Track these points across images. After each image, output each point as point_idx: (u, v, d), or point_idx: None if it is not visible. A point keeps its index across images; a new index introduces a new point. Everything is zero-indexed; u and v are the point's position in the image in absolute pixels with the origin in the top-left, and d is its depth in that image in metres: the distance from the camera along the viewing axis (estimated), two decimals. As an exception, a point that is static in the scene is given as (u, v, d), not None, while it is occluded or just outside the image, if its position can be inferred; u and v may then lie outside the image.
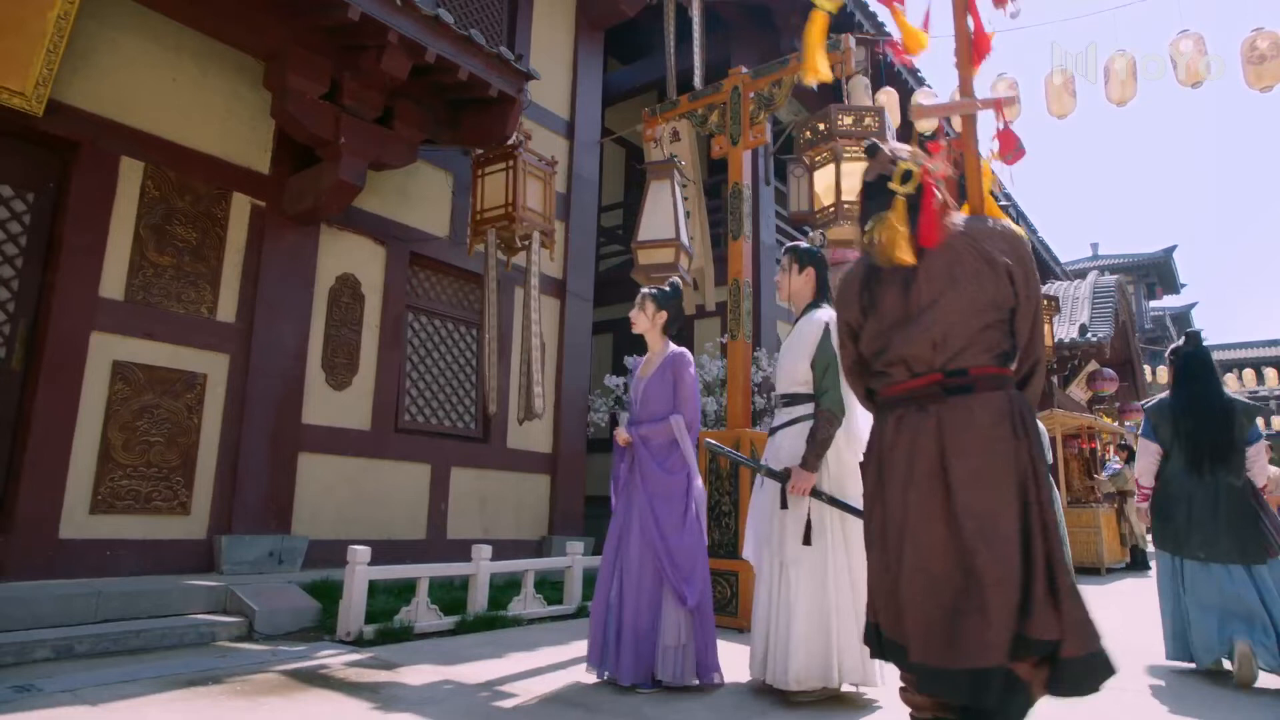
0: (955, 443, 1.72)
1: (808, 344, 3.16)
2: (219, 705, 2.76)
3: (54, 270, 4.43)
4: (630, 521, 3.25)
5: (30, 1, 4.11)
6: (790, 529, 3.03)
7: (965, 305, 1.78)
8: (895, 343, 1.86)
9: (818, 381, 3.11)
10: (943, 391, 1.79)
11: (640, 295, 3.52)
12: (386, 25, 4.64)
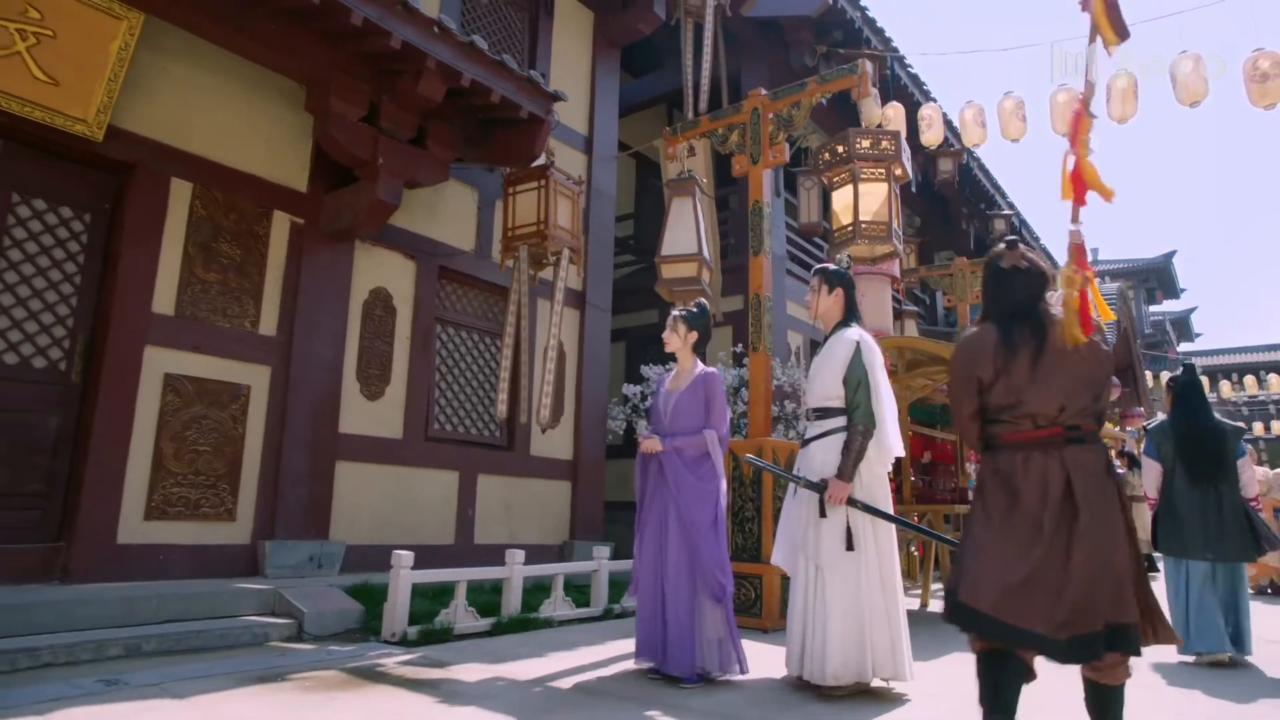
0: (1079, 476, 2.33)
1: (839, 362, 3.36)
2: (295, 700, 2.97)
3: (111, 287, 4.64)
4: (667, 525, 3.46)
5: (94, 34, 4.33)
6: (826, 536, 3.24)
7: (1080, 381, 2.40)
8: (1026, 400, 2.41)
9: (850, 397, 3.32)
10: (1065, 440, 2.39)
11: (672, 317, 3.73)
12: (425, 52, 4.86)
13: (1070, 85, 7.62)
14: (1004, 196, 15.11)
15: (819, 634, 3.17)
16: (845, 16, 9.56)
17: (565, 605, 5.29)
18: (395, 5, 4.67)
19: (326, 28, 4.67)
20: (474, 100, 5.35)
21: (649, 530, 3.53)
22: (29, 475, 4.36)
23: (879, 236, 4.89)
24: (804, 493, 3.40)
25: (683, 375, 3.70)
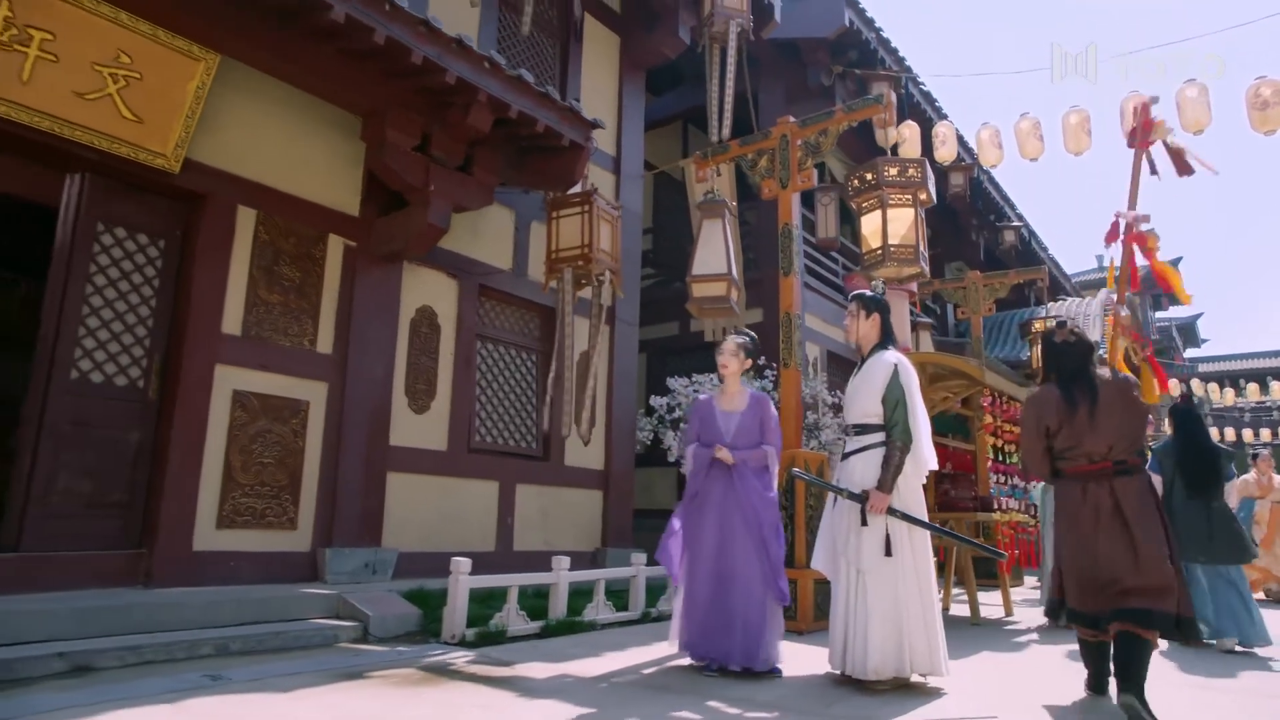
0: (1125, 499, 3.20)
1: (878, 382, 3.65)
2: (387, 693, 3.24)
3: (184, 309, 4.94)
4: (733, 530, 3.75)
5: (175, 75, 4.64)
6: (867, 542, 3.51)
7: (1123, 428, 3.30)
8: (1084, 443, 3.32)
9: (888, 415, 3.60)
10: (1114, 473, 3.26)
11: (736, 345, 4.03)
12: (477, 86, 5.16)
13: (1082, 107, 7.92)
14: (1013, 209, 15.39)
15: (860, 632, 3.44)
16: (861, 38, 9.87)
17: (606, 609, 5.55)
18: (451, 44, 4.97)
19: (387, 65, 4.97)
20: (519, 129, 5.66)
21: (707, 534, 3.79)
22: (113, 486, 4.65)
23: (907, 259, 5.18)
24: (845, 502, 3.68)
25: (735, 397, 3.99)
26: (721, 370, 4.03)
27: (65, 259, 4.65)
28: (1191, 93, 7.16)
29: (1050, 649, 4.89)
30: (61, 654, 3.44)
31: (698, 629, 3.75)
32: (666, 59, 8.72)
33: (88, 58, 4.35)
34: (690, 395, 8.27)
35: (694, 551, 3.83)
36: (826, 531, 3.83)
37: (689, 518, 3.89)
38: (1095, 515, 3.20)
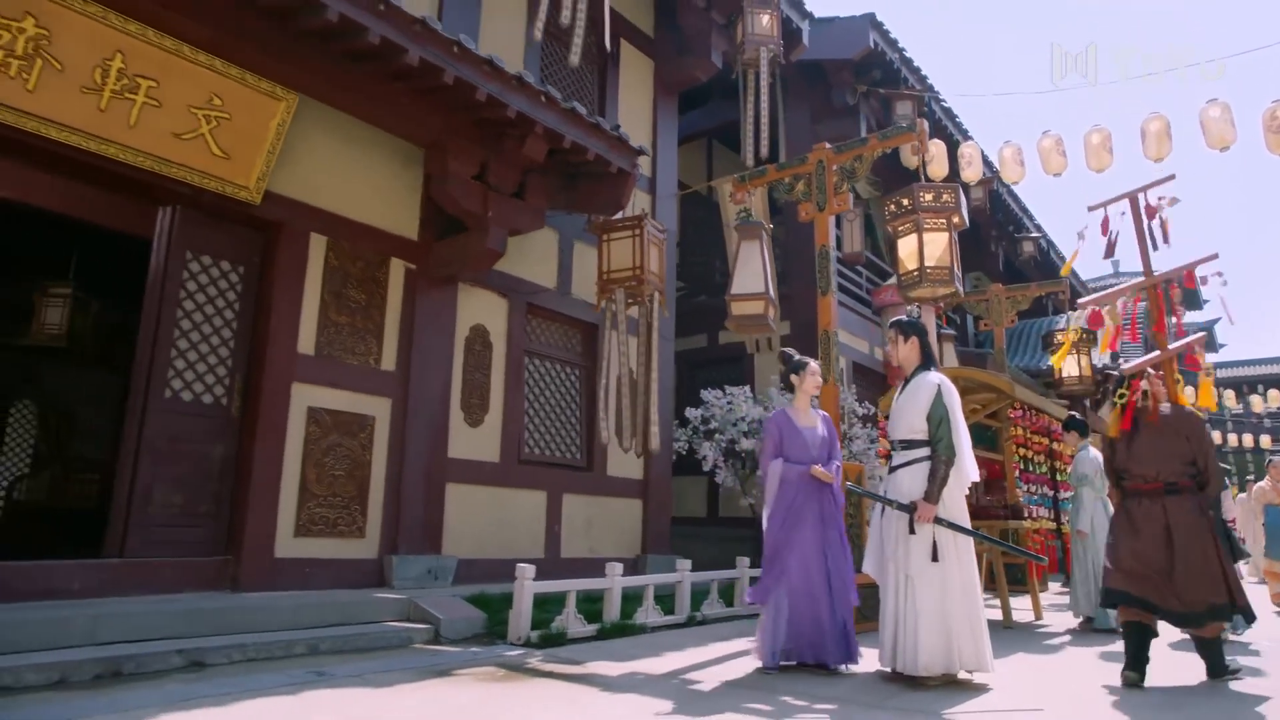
0: (1173, 515, 3.94)
1: (923, 402, 3.93)
2: (478, 688, 3.54)
3: (263, 331, 5.28)
4: (830, 540, 4.06)
5: (259, 114, 4.99)
6: (916, 549, 3.79)
7: (1170, 454, 4.05)
8: (1140, 466, 4.14)
9: (932, 432, 3.89)
10: (1165, 492, 3.99)
11: (809, 367, 4.32)
12: (534, 119, 5.49)
13: (1103, 126, 8.17)
14: (1031, 219, 15.61)
15: (910, 632, 3.71)
16: (884, 58, 10.16)
17: (655, 613, 5.83)
18: (512, 80, 5.30)
19: (452, 101, 5.31)
20: (571, 157, 5.98)
21: (810, 547, 4.04)
22: (201, 497, 4.99)
23: (942, 280, 5.46)
24: (893, 512, 3.96)
25: (808, 413, 4.30)
26: (813, 389, 4.33)
27: (159, 286, 5.00)
28: (1215, 112, 7.41)
29: (1084, 650, 5.14)
30: (180, 651, 3.76)
31: (796, 633, 3.98)
32: (699, 82, 9.04)
33: (185, 101, 4.70)
34: (724, 407, 8.56)
35: (796, 563, 4.04)
36: (876, 539, 4.11)
37: (786, 531, 4.09)
38: (1149, 525, 3.98)
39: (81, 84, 4.34)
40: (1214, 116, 7.40)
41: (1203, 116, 7.48)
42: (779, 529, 4.11)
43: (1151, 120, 7.84)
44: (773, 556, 4.11)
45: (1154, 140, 7.79)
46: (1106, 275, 43.99)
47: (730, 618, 6.39)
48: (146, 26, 4.41)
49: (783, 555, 4.07)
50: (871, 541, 4.15)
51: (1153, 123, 7.83)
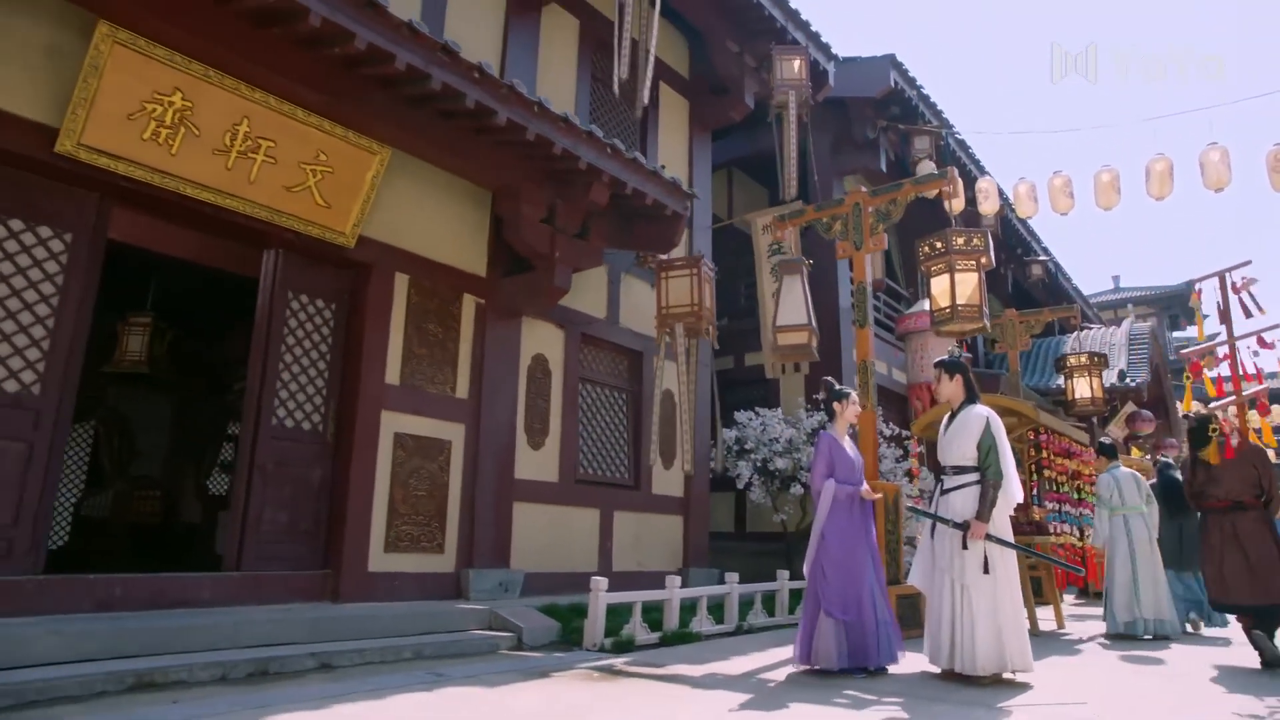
0: (1241, 527, 5.14)
1: (973, 432, 4.43)
2: (583, 686, 4.01)
3: (355, 362, 5.78)
4: (875, 553, 4.54)
5: (357, 167, 5.52)
6: (970, 562, 4.27)
7: (1241, 480, 5.23)
8: (1215, 488, 5.30)
9: (981, 459, 4.38)
10: (1233, 509, 5.19)
11: (850, 396, 4.79)
12: (601, 169, 6.02)
13: (1112, 166, 8.71)
14: (1039, 242, 16.17)
15: (968, 636, 4.19)
16: (904, 95, 10.73)
17: (708, 622, 6.29)
18: (583, 135, 5.83)
19: (529, 153, 5.84)
20: (630, 202, 6.50)
21: (861, 560, 4.51)
22: (303, 516, 5.48)
23: (972, 316, 5.98)
24: (942, 528, 4.43)
25: (848, 438, 4.78)
26: (852, 418, 4.82)
27: (265, 323, 5.51)
28: (1215, 156, 7.95)
29: (1108, 654, 5.61)
30: (312, 654, 4.24)
31: (859, 639, 4.42)
32: (732, 121, 9.60)
33: (297, 158, 5.23)
34: (758, 428, 9.06)
35: (851, 575, 4.46)
36: (925, 554, 4.59)
37: (845, 548, 4.50)
38: (1222, 537, 5.19)
39: (214, 147, 4.87)
40: (1214, 160, 7.95)
41: (1203, 159, 8.01)
42: (837, 546, 4.51)
43: (1156, 161, 8.37)
44: (834, 569, 4.51)
45: (1157, 180, 8.32)
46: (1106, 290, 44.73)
47: (772, 627, 6.84)
48: (270, 94, 4.94)
49: (845, 568, 4.50)
50: (921, 556, 4.63)
51: (1157, 164, 8.36)
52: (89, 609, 4.27)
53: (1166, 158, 8.33)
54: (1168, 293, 43.18)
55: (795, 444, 8.98)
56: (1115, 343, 15.21)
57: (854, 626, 4.45)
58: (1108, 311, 38.54)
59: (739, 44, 9.12)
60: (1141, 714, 3.70)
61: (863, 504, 4.65)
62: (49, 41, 4.35)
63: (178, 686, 3.68)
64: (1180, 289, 42.99)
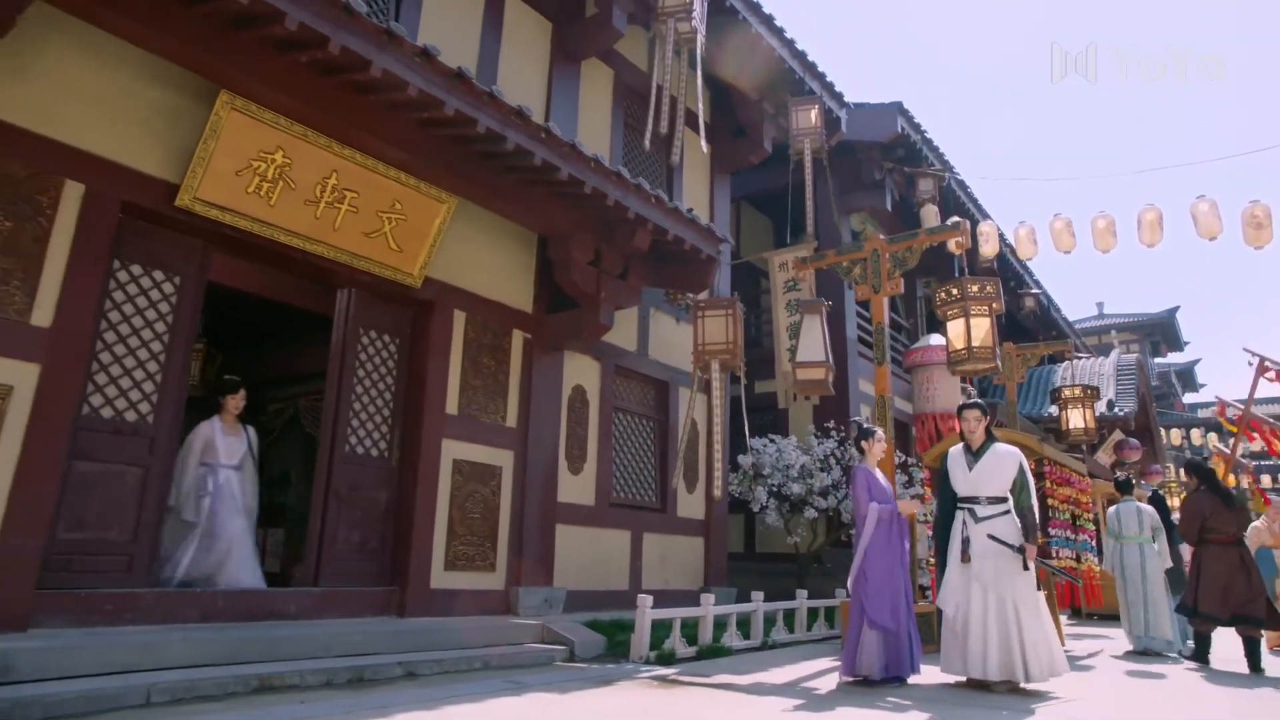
0: (1246, 557, 6.37)
1: (1007, 467, 4.97)
2: (649, 693, 4.47)
3: (419, 393, 6.25)
4: (904, 568, 5.01)
5: (427, 214, 6.02)
6: (1022, 581, 4.79)
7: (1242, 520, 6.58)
8: (1218, 525, 6.41)
9: (1016, 492, 4.93)
10: (1238, 543, 6.41)
11: (876, 434, 5.31)
12: (646, 218, 6.55)
13: (1108, 213, 9.35)
14: (1030, 275, 16.86)
15: (1017, 647, 4.68)
16: (910, 140, 11.38)
17: (737, 637, 6.76)
18: (632, 187, 6.37)
19: (582, 203, 6.36)
20: (668, 246, 7.04)
21: (899, 576, 4.99)
22: (371, 536, 5.92)
23: (985, 357, 6.54)
24: (988, 550, 4.87)
25: (880, 468, 5.30)
26: (880, 454, 5.33)
27: (339, 356, 5.98)
28: (1204, 207, 8.60)
29: (1113, 664, 6.14)
30: (400, 663, 4.68)
31: (895, 651, 4.89)
32: (750, 164, 10.18)
33: (375, 208, 5.73)
34: (773, 455, 9.56)
35: (892, 587, 4.93)
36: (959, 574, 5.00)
37: (885, 561, 4.97)
38: (1229, 565, 6.18)
39: (306, 198, 5.36)
40: (1203, 210, 8.59)
41: (1193, 210, 8.65)
42: (879, 560, 4.98)
43: (1146, 211, 9.03)
44: (877, 581, 4.97)
45: (1148, 228, 8.97)
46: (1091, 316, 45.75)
47: (794, 643, 7.31)
48: (357, 151, 5.45)
49: (886, 580, 4.97)
50: (953, 575, 5.07)
51: (1148, 213, 9.01)
52: (195, 619, 4.70)
53: (1156, 208, 8.98)
54: (1150, 320, 44.25)
55: (809, 470, 9.49)
56: (1104, 373, 15.89)
57: (892, 636, 4.89)
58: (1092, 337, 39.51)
59: (759, 92, 9.73)
60: (1151, 710, 4.22)
61: (899, 525, 5.15)
62: (173, 106, 4.84)
63: (293, 689, 4.12)
64: (1164, 316, 44.11)
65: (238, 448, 5.88)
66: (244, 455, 5.90)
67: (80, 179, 4.46)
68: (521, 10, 7.69)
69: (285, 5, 4.17)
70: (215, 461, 5.68)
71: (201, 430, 5.75)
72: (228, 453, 5.77)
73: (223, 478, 5.64)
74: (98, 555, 4.48)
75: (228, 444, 5.81)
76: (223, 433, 5.83)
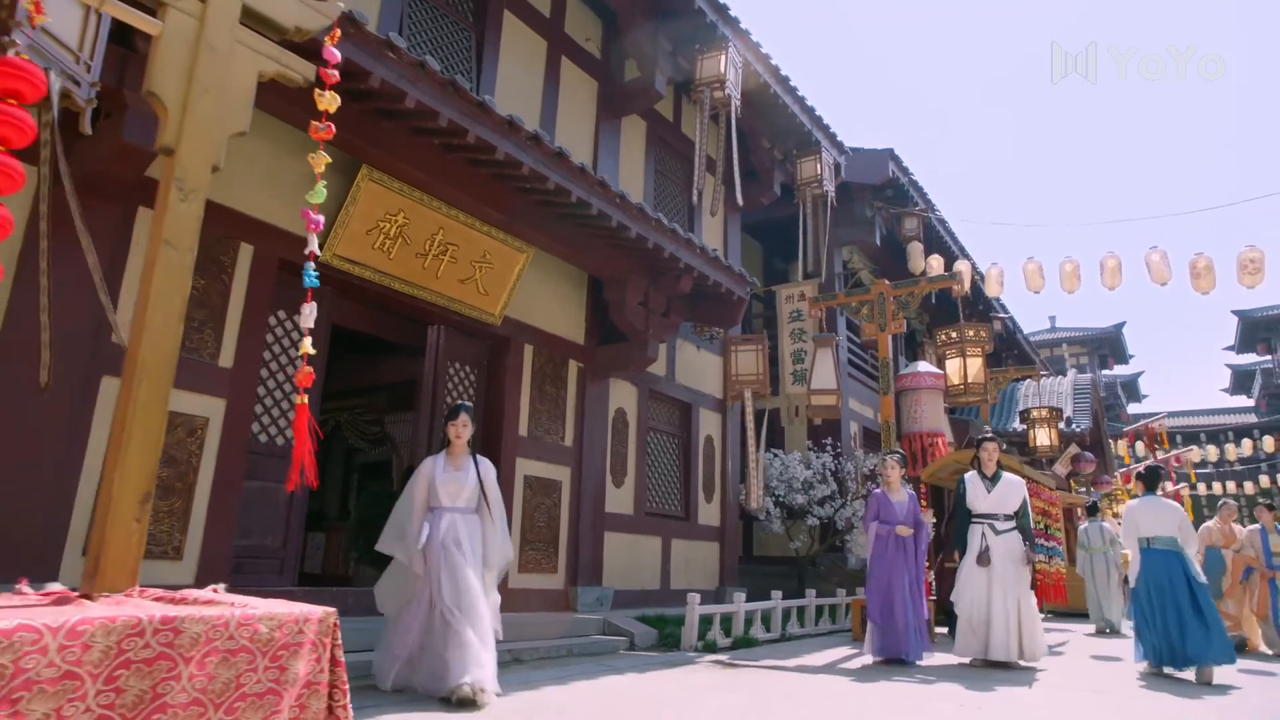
0: None
1: (1016, 494, 6.09)
2: (716, 671, 5.45)
3: (497, 417, 7.15)
4: (911, 571, 6.08)
5: (509, 262, 6.93)
6: (1025, 580, 5.93)
7: None
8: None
9: (1020, 513, 6.05)
10: None
11: (896, 460, 6.37)
12: (693, 266, 7.54)
13: (1074, 257, 10.63)
14: (998, 300, 18.26)
15: (1025, 633, 5.79)
16: (899, 182, 12.56)
17: (761, 629, 7.80)
18: (682, 240, 7.35)
19: (640, 252, 7.32)
20: (705, 288, 8.04)
21: (893, 581, 6.07)
22: (459, 542, 6.78)
23: (978, 392, 7.68)
24: (1001, 554, 5.99)
25: (898, 491, 6.35)
26: (887, 475, 6.39)
27: (430, 386, 6.85)
28: (1155, 257, 9.91)
29: (1081, 649, 7.31)
30: (508, 650, 5.59)
31: (888, 638, 6.01)
32: (762, 206, 11.24)
33: (469, 258, 6.62)
34: (778, 469, 10.62)
35: (884, 592, 6.06)
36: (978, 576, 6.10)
37: (884, 572, 6.12)
38: None
39: (416, 251, 6.24)
40: (1155, 260, 9.91)
41: (1147, 259, 9.97)
42: (876, 572, 6.14)
43: (1108, 258, 10.33)
44: (873, 588, 6.14)
45: (1110, 273, 10.27)
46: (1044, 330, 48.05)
47: (806, 635, 8.37)
48: (460, 211, 6.34)
49: (880, 588, 6.10)
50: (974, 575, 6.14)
51: (1109, 260, 10.32)
52: (334, 614, 5.54)
53: (1116, 256, 10.28)
54: (1099, 334, 46.65)
55: (810, 483, 10.58)
56: (1062, 391, 17.34)
57: (887, 629, 6.06)
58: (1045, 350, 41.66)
59: (770, 141, 10.79)
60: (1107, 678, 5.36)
61: (897, 541, 6.22)
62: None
63: (438, 671, 4.99)
64: (1111, 331, 46.54)
65: (460, 484, 4.60)
66: (469, 493, 4.64)
67: (251, 241, 5.30)
68: (573, 70, 8.62)
69: (439, 105, 5.07)
70: (437, 505, 4.54)
71: (423, 470, 4.64)
72: (449, 494, 4.56)
73: (445, 522, 4.48)
74: (260, 559, 5.31)
75: (447, 480, 4.59)
76: (443, 467, 4.64)
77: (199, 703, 1.40)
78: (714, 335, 9.22)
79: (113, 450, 1.69)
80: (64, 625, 1.27)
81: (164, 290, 1.69)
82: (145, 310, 1.64)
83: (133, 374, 1.64)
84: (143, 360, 1.63)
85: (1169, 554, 5.88)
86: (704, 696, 4.49)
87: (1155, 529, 5.97)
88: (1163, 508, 6.06)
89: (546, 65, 8.23)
